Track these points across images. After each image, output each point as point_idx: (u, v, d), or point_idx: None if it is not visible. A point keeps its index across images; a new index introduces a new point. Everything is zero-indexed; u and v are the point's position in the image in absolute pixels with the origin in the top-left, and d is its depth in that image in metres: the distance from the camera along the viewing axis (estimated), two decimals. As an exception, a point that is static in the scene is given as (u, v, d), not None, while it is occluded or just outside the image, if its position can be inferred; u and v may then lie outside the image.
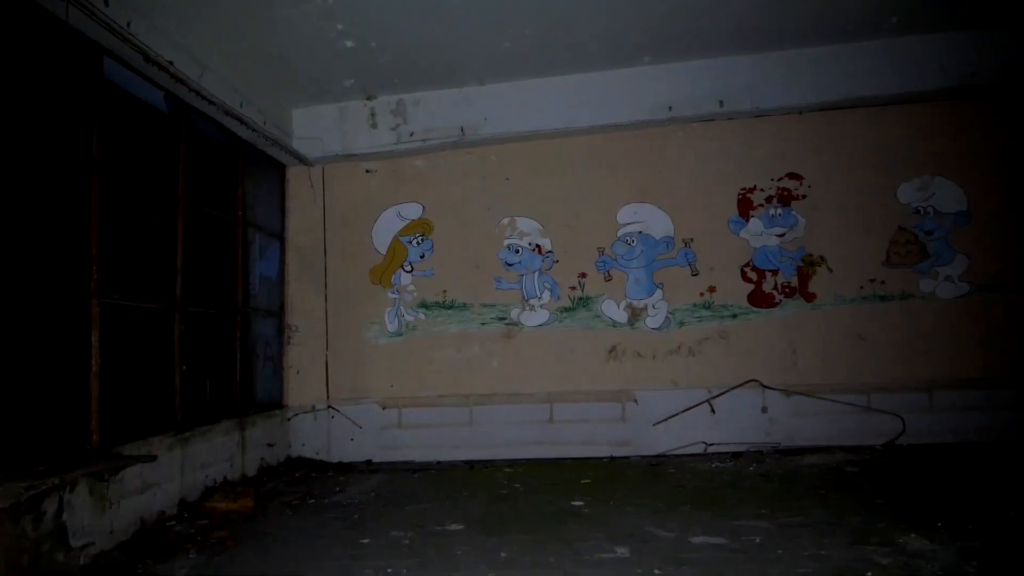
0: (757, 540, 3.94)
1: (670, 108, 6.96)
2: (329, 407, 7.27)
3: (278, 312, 7.33)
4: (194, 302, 5.69)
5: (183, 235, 5.52)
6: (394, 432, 7.16)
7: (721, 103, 6.91)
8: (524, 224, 7.26)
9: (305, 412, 7.29)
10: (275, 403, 7.16)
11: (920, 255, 6.85)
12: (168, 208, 5.44)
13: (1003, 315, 6.67)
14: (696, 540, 4.00)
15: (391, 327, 7.30)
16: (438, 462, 6.95)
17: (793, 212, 7.00)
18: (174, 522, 4.84)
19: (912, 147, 6.90)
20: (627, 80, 6.96)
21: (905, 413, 6.62)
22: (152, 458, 4.55)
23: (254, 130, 6.40)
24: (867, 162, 6.93)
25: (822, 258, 6.92)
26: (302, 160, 7.37)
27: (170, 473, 5.03)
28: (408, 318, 7.29)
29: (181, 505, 5.13)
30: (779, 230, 7.00)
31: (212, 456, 5.66)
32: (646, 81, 6.94)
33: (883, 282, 6.84)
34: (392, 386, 7.23)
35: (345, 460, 7.14)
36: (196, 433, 5.45)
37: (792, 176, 7.01)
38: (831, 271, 6.90)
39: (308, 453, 7.24)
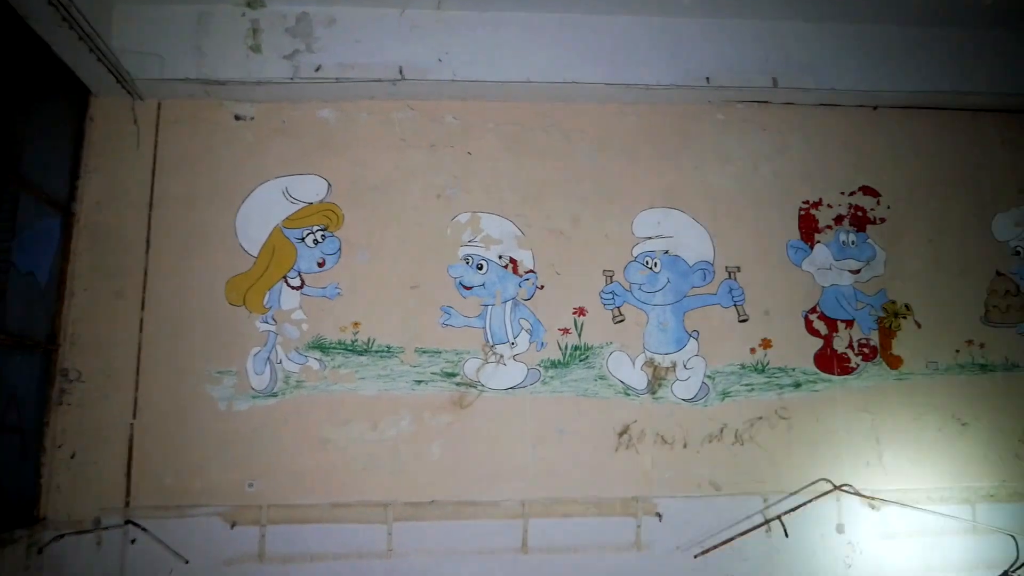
0: None
1: (708, 79, 4.79)
2: (129, 522, 4.04)
3: (42, 343, 4.06)
4: None
5: None
6: (251, 570, 4.05)
7: (775, 81, 4.85)
8: (493, 225, 4.64)
9: (81, 532, 4.00)
10: (18, 514, 3.83)
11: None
12: None
13: None
14: None
15: (258, 381, 4.29)
16: (329, 626, 3.94)
17: (870, 240, 4.97)
18: None
19: (1008, 168, 5.17)
20: (655, 32, 4.80)
21: (1020, 532, 4.60)
22: None
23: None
24: (958, 182, 5.13)
25: (908, 307, 4.90)
26: (123, 84, 4.33)
27: None
28: (291, 367, 4.32)
29: None
30: (853, 264, 4.93)
31: None
32: (681, 37, 4.82)
33: (982, 345, 4.90)
34: (252, 485, 4.17)
35: (151, 624, 3.91)
36: None
37: (867, 191, 5.03)
38: (919, 326, 4.87)
39: (79, 610, 3.93)
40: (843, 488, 4.47)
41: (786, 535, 4.34)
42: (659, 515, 4.39)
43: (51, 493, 4.04)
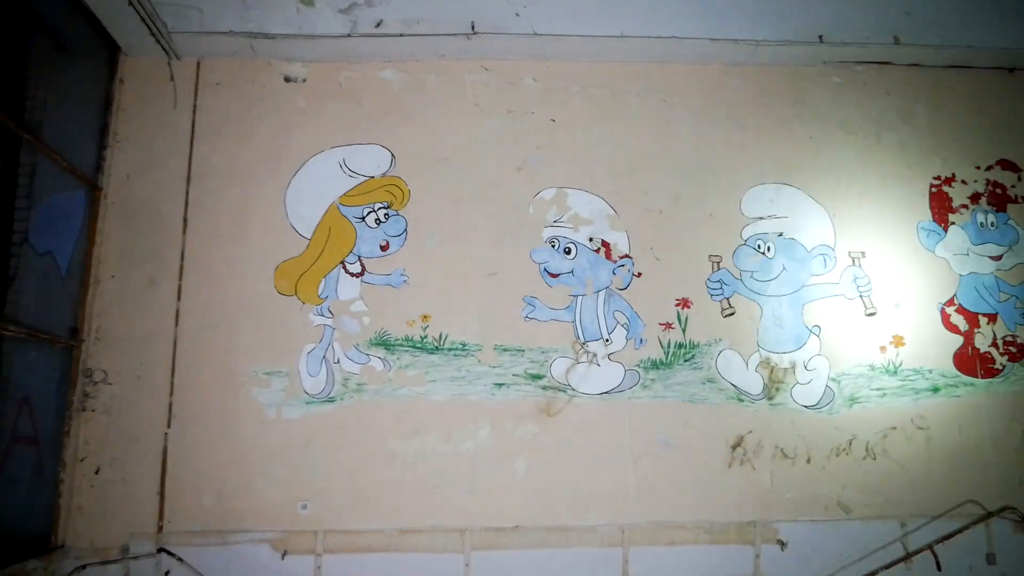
0: None
1: (821, 37, 4.23)
2: (162, 550, 3.51)
3: (62, 338, 3.52)
4: None
5: None
6: (305, 607, 3.48)
7: (896, 39, 4.33)
8: (582, 203, 4.10)
9: (106, 562, 3.48)
10: (31, 542, 3.30)
11: None
12: None
13: None
14: None
15: (312, 384, 3.76)
16: (400, 677, 3.36)
17: (1011, 222, 4.35)
18: None
19: None
20: (761, -15, 4.33)
21: None
22: None
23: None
24: (1109, 155, 4.49)
25: (1059, 299, 4.26)
26: (159, 40, 3.87)
27: None
28: (350, 367, 3.78)
29: None
30: (993, 249, 4.31)
31: None
32: (790, -9, 4.32)
33: None
34: (305, 507, 3.62)
35: (188, 672, 3.35)
36: None
37: (1006, 165, 4.45)
38: (1072, 322, 4.23)
39: (103, 653, 3.37)
40: (1003, 514, 3.78)
41: (939, 568, 3.67)
42: (781, 542, 3.78)
43: (71, 515, 3.58)
